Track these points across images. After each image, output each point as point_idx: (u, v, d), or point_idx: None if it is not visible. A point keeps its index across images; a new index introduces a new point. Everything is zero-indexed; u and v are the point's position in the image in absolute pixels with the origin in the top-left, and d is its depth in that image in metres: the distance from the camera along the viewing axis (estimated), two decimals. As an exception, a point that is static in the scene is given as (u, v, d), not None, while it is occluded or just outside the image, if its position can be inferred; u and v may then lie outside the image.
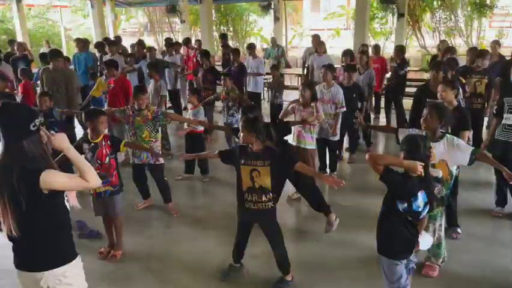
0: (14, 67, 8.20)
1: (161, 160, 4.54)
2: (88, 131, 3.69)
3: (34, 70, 9.10)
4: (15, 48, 9.30)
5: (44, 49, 11.16)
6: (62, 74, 6.16)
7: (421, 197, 2.56)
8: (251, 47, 8.48)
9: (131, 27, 29.85)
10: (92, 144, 3.61)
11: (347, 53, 7.10)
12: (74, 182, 2.05)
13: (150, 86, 6.36)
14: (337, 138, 5.45)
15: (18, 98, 6.51)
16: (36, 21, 16.87)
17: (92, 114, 3.65)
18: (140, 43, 9.34)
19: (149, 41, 16.07)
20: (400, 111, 7.37)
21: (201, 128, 5.38)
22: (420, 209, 2.58)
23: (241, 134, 3.09)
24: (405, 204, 2.55)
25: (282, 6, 15.29)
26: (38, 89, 7.27)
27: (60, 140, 2.03)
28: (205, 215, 4.73)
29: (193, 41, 15.92)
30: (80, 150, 3.62)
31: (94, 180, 2.05)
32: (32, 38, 14.71)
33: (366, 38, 10.25)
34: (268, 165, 3.06)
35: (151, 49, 8.60)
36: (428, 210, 2.67)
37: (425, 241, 2.79)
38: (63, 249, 2.18)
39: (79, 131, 6.38)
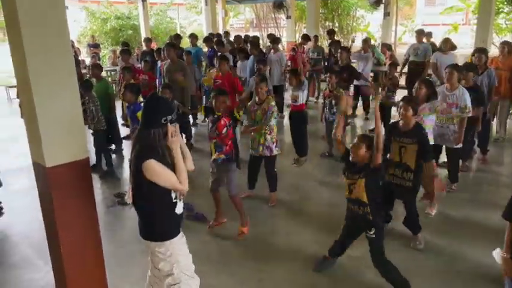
0: (142, 60, 9.13)
1: (275, 152, 4.72)
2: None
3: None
4: (144, 43, 10.34)
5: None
6: (177, 66, 6.70)
7: None
8: (364, 41, 8.52)
9: (238, 23, 31.12)
10: (215, 116, 3.97)
11: (480, 51, 6.17)
12: (170, 178, 2.31)
13: (251, 80, 6.58)
14: (460, 145, 4.91)
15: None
16: (156, 18, 18.49)
17: (215, 93, 4.05)
18: (253, 41, 9.57)
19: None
20: None
21: (301, 102, 5.65)
22: None
23: (354, 149, 3.05)
24: None
25: (393, 0, 14.50)
26: (157, 81, 8.06)
27: (175, 142, 2.34)
28: (300, 211, 4.78)
29: (296, 37, 16.15)
30: (207, 116, 4.10)
31: (185, 184, 2.37)
32: (152, 34, 16.22)
33: (490, 34, 9.25)
34: (363, 177, 3.03)
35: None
36: None
37: None
38: (161, 227, 2.44)
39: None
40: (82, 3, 18.66)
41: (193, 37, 9.49)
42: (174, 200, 2.43)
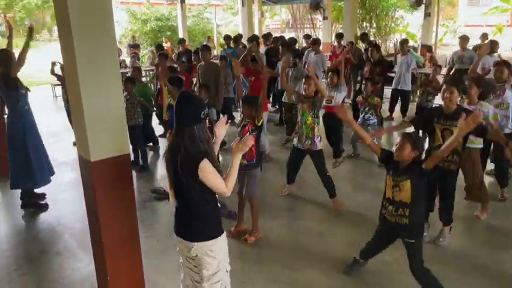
0: (178, 61, 9.36)
1: (319, 146, 4.66)
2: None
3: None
4: (179, 45, 10.56)
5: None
6: (212, 67, 6.84)
7: None
8: (402, 43, 8.32)
9: (274, 24, 31.19)
10: (244, 123, 4.08)
11: None
12: (217, 181, 2.33)
13: (291, 73, 6.65)
14: None
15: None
16: (194, 19, 18.86)
17: (243, 100, 4.20)
18: (287, 42, 9.58)
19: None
20: None
21: (336, 103, 5.56)
22: None
23: (399, 149, 2.95)
24: None
25: (435, 0, 14.07)
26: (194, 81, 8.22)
27: (241, 150, 2.43)
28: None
29: (332, 38, 15.98)
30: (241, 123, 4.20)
31: (230, 188, 2.39)
32: (189, 34, 16.58)
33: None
34: (409, 178, 2.94)
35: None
36: None
37: None
38: (211, 226, 2.49)
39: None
40: (123, 4, 19.34)
41: (228, 39, 9.62)
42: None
